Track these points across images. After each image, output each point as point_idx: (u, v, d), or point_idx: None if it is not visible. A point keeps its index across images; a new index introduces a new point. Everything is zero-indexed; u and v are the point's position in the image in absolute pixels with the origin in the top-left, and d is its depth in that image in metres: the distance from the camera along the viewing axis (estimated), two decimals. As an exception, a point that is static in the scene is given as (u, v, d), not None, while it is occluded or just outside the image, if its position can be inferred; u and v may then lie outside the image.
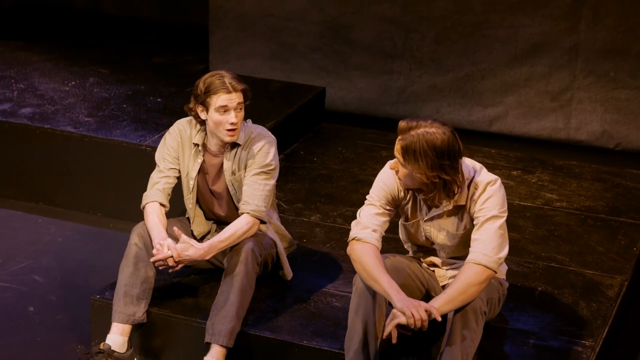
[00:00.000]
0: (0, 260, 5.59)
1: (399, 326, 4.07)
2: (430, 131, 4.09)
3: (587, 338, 4.54)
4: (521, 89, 7.09)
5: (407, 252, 4.62)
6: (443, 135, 4.09)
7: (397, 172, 4.22)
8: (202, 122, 4.69)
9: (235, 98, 4.58)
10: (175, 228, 4.60)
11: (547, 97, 7.05)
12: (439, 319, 4.06)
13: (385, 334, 4.09)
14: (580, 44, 6.90)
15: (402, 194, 4.33)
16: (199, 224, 4.88)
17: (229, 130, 4.61)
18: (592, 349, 4.48)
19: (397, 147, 4.15)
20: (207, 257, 4.60)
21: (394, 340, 4.08)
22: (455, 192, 4.19)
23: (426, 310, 4.04)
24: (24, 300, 5.23)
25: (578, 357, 4.42)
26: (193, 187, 4.79)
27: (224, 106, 4.57)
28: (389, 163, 4.33)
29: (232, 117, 4.59)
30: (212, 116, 4.60)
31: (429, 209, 4.32)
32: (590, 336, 4.55)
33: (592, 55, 6.90)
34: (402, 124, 4.15)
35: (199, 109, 4.63)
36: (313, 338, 4.53)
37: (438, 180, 4.13)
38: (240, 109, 4.62)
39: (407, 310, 4.02)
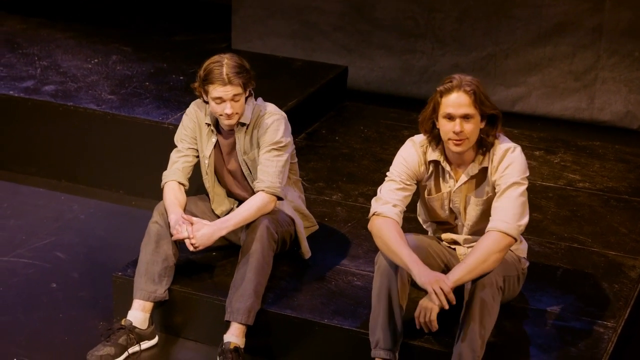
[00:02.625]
0: (23, 236, 5.62)
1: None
2: (469, 76, 4.20)
3: (609, 319, 4.53)
4: (544, 69, 7.06)
5: (427, 232, 4.61)
6: (475, 79, 4.22)
7: (462, 140, 4.18)
8: (207, 102, 4.70)
9: (231, 90, 4.56)
10: (183, 216, 4.60)
11: (571, 77, 7.01)
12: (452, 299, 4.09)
13: (430, 329, 4.13)
14: (604, 24, 6.85)
15: (422, 167, 4.33)
16: (220, 202, 4.89)
17: (223, 116, 4.61)
18: (614, 329, 4.46)
19: (463, 98, 4.14)
20: (222, 234, 4.61)
21: (435, 329, 4.12)
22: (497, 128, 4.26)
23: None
24: (47, 276, 5.26)
25: (599, 338, 4.41)
26: (209, 167, 4.80)
27: (219, 97, 4.57)
28: (411, 140, 4.35)
29: (227, 108, 4.58)
30: (210, 103, 4.62)
31: (457, 178, 4.32)
32: (612, 317, 4.54)
33: (616, 35, 6.85)
34: (453, 80, 4.19)
35: (202, 92, 4.64)
36: (334, 317, 4.54)
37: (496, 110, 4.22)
38: (237, 100, 4.60)
39: (433, 295, 4.04)
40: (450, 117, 4.17)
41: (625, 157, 6.12)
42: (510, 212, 4.17)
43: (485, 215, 4.34)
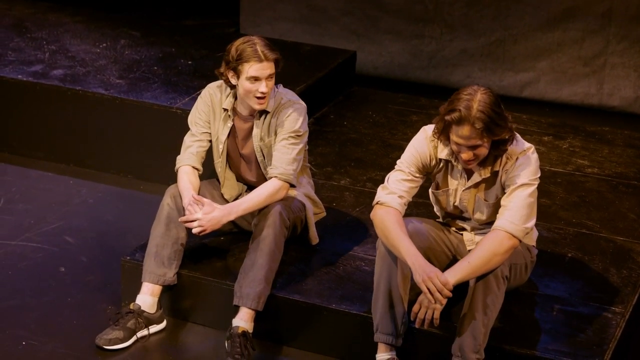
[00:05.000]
0: (32, 221, 5.63)
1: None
2: (481, 98, 4.00)
3: (617, 304, 4.53)
4: (553, 54, 7.04)
5: (437, 216, 4.60)
6: (488, 92, 4.04)
7: (472, 160, 4.11)
8: (233, 87, 4.68)
9: (267, 68, 4.55)
10: (194, 196, 4.60)
11: (580, 63, 7.00)
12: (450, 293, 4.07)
13: (426, 325, 4.11)
14: (613, 9, 6.83)
15: (433, 162, 4.29)
16: (230, 187, 4.89)
17: (258, 98, 4.59)
18: (622, 315, 4.46)
19: (472, 132, 4.00)
20: (232, 218, 4.60)
21: (436, 323, 4.10)
22: (510, 142, 4.14)
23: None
24: (56, 260, 5.27)
25: (608, 323, 4.41)
26: (222, 151, 4.79)
27: (255, 76, 4.54)
28: (424, 129, 4.28)
29: (262, 86, 4.56)
30: (242, 84, 4.58)
31: (468, 177, 4.29)
32: (620, 303, 4.54)
33: (625, 20, 6.83)
34: (460, 112, 3.98)
35: (230, 75, 4.61)
36: (341, 301, 4.54)
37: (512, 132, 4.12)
38: (271, 78, 4.59)
39: (428, 295, 4.02)
40: (460, 145, 4.10)
41: (635, 143, 6.11)
42: (518, 213, 4.13)
43: (494, 213, 4.31)
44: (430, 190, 4.49)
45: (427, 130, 4.27)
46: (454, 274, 4.08)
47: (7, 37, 6.92)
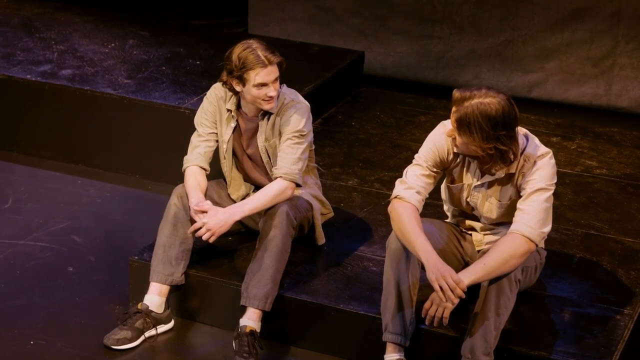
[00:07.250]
0: (40, 220, 5.63)
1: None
2: (484, 102, 4.00)
3: (626, 306, 4.52)
4: (562, 55, 7.03)
5: (446, 216, 4.60)
6: (498, 105, 4.01)
7: (453, 138, 4.17)
8: (237, 93, 4.67)
9: (272, 72, 4.54)
10: (194, 208, 4.59)
11: (589, 63, 6.98)
12: (463, 295, 4.06)
13: (436, 323, 4.11)
14: (622, 9, 6.82)
15: (451, 156, 4.28)
16: (236, 187, 4.89)
17: (266, 100, 4.59)
18: (630, 316, 4.45)
19: (452, 118, 4.08)
20: (237, 218, 4.59)
21: (445, 324, 4.10)
22: (512, 160, 4.13)
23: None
24: (63, 260, 5.28)
25: (616, 324, 4.40)
26: (227, 151, 4.80)
27: (262, 82, 4.54)
28: (443, 124, 4.28)
29: (270, 91, 4.56)
30: (249, 91, 4.57)
31: (482, 175, 4.28)
32: (629, 304, 4.53)
33: (634, 20, 6.82)
34: (456, 94, 4.06)
35: (234, 82, 4.59)
36: (349, 302, 4.54)
37: (494, 151, 4.08)
38: (277, 80, 4.59)
39: (439, 293, 4.02)
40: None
41: (643, 144, 6.11)
42: (535, 217, 4.12)
43: (505, 214, 4.31)
44: (444, 184, 4.47)
45: (446, 124, 4.26)
46: (469, 275, 4.08)
47: (16, 37, 6.94)
